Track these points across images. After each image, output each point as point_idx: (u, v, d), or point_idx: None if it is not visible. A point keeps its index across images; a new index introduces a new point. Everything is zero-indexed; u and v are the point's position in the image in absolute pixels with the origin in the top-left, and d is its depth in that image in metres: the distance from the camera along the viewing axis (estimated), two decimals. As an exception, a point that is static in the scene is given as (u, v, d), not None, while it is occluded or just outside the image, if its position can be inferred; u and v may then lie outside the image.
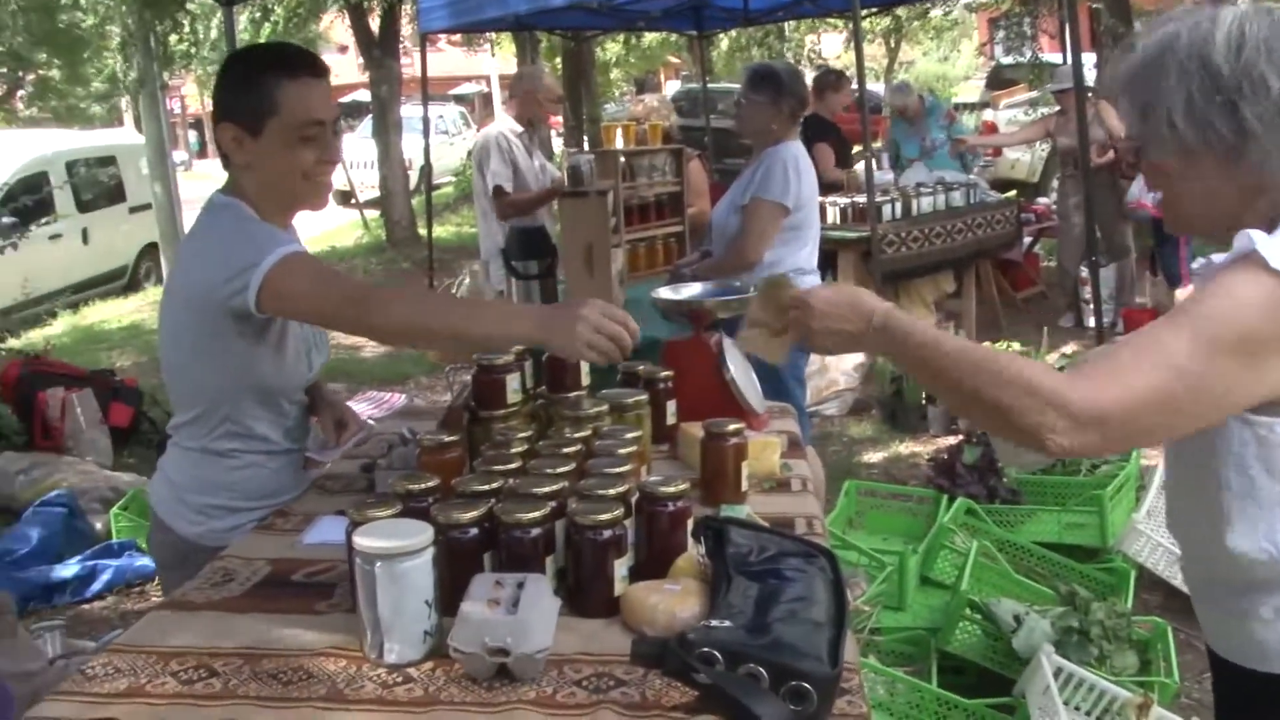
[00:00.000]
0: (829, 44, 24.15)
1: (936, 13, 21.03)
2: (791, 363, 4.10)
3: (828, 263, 6.52)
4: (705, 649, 1.40)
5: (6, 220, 7.27)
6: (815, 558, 1.69)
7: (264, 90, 2.09)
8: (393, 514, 1.68)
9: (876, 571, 3.72)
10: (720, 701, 1.39)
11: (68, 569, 4.65)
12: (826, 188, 7.33)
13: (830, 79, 8.07)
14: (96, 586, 4.61)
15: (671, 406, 2.48)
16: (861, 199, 6.81)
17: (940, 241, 7.08)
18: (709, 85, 12.55)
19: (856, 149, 7.85)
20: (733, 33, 18.78)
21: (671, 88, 26.01)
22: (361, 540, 1.55)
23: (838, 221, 6.91)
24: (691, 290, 2.90)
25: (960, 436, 4.84)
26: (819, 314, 1.65)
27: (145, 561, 4.74)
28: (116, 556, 4.76)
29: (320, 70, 2.18)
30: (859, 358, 6.41)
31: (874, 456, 5.75)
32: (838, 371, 6.37)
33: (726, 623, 1.48)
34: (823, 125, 7.54)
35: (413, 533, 1.57)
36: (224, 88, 2.16)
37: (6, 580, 4.28)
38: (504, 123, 5.69)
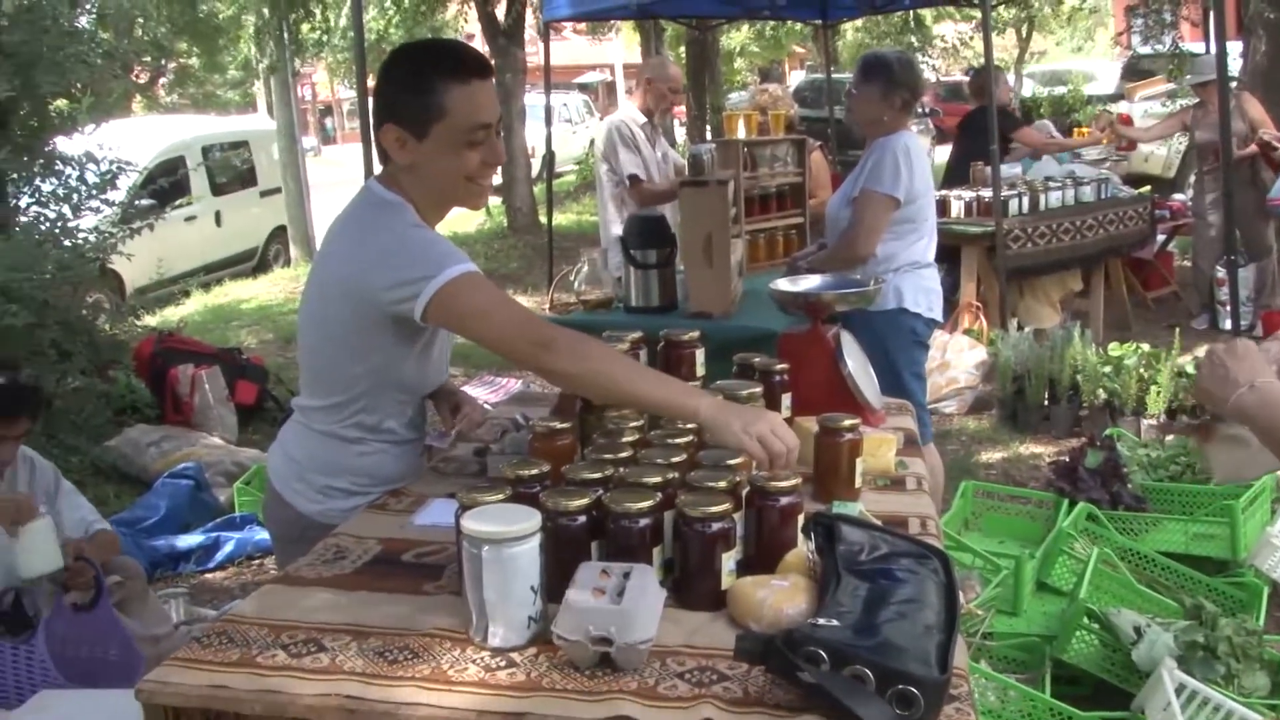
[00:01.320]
0: (953, 33, 23.67)
1: (1071, 0, 20.45)
2: (910, 358, 4.03)
3: (950, 258, 6.39)
4: (811, 648, 1.38)
5: (145, 202, 7.50)
6: (928, 559, 1.66)
7: (432, 94, 2.06)
8: (502, 498, 1.69)
9: (991, 575, 3.64)
10: (824, 702, 1.37)
11: (193, 539, 4.82)
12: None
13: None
14: (219, 557, 4.76)
15: (786, 400, 2.44)
16: (987, 193, 6.66)
17: (1069, 238, 6.89)
18: (833, 76, 12.38)
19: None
20: (858, 22, 18.50)
21: (795, 78, 25.79)
22: (470, 524, 1.56)
23: (961, 215, 6.77)
24: (810, 282, 2.86)
25: (1083, 439, 4.69)
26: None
27: (265, 535, 4.87)
28: (238, 529, 4.91)
29: (487, 71, 2.14)
30: (980, 354, 6.27)
31: (992, 456, 5.62)
32: (958, 369, 6.25)
33: (834, 622, 1.45)
34: (1007, 116, 7.49)
35: (521, 518, 1.57)
36: (389, 88, 2.13)
37: (136, 548, 4.43)
38: (626, 111, 5.71)
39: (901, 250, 3.98)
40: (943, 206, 6.48)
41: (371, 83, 2.33)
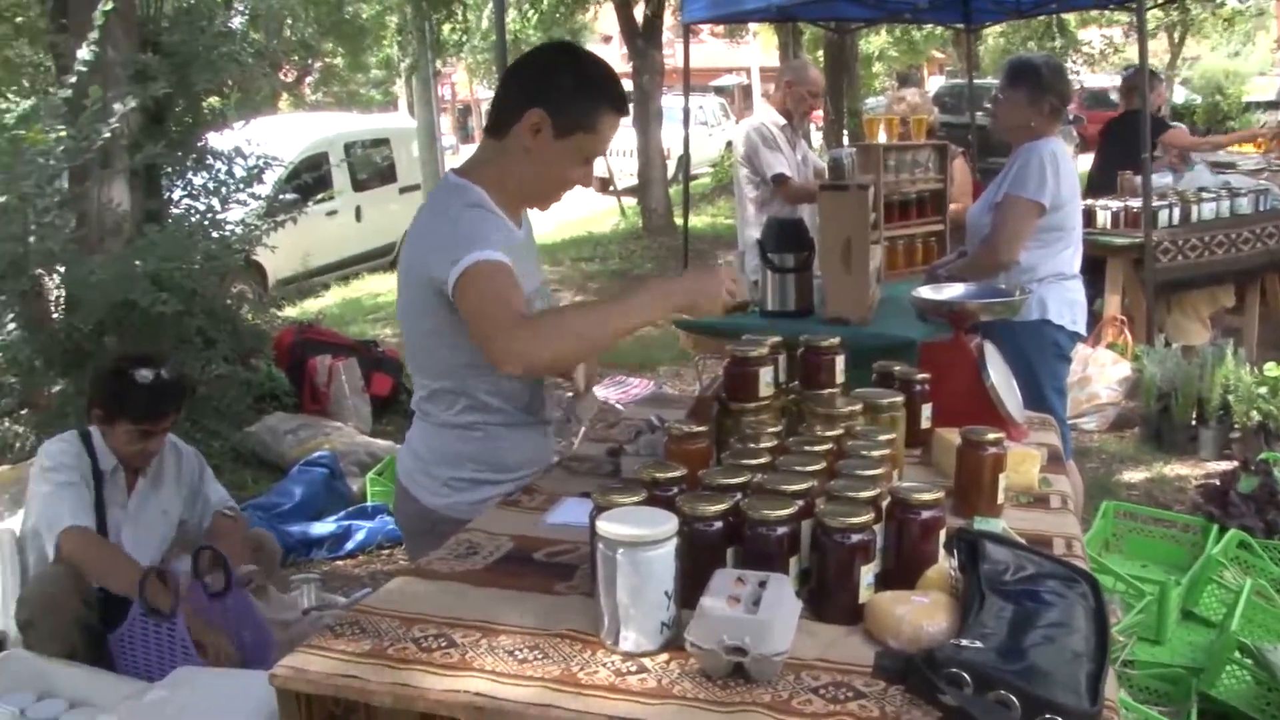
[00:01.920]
0: (1098, 38, 23.00)
1: (1232, 2, 19.65)
2: (1052, 371, 3.91)
3: (1094, 270, 6.18)
4: (953, 669, 1.33)
5: (289, 197, 7.71)
6: (1076, 582, 1.59)
7: (595, 110, 2.19)
8: (637, 501, 1.67)
9: (1134, 600, 3.50)
10: (969, 725, 1.31)
11: (325, 526, 4.92)
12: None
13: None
14: (350, 546, 4.85)
15: (927, 410, 2.38)
16: (1135, 203, 6.42)
17: (1222, 251, 6.59)
18: (974, 81, 12.12)
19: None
20: (1000, 26, 18.09)
21: (935, 83, 25.37)
22: (606, 526, 1.54)
23: (1108, 226, 6.54)
24: (953, 291, 2.79)
25: (1235, 463, 4.48)
26: None
27: (396, 526, 4.96)
28: (370, 519, 5.00)
29: (627, 111, 2.30)
30: (1124, 370, 6.06)
31: (1135, 476, 5.41)
32: (1100, 384, 6.04)
33: (977, 643, 1.40)
34: (1154, 121, 7.26)
35: (657, 522, 1.55)
36: (555, 81, 2.18)
37: (270, 532, 4.54)
38: (765, 114, 5.70)
39: (1046, 259, 3.86)
40: (1088, 216, 6.26)
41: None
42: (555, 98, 2.16)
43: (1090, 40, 23.24)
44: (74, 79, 5.36)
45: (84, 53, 5.43)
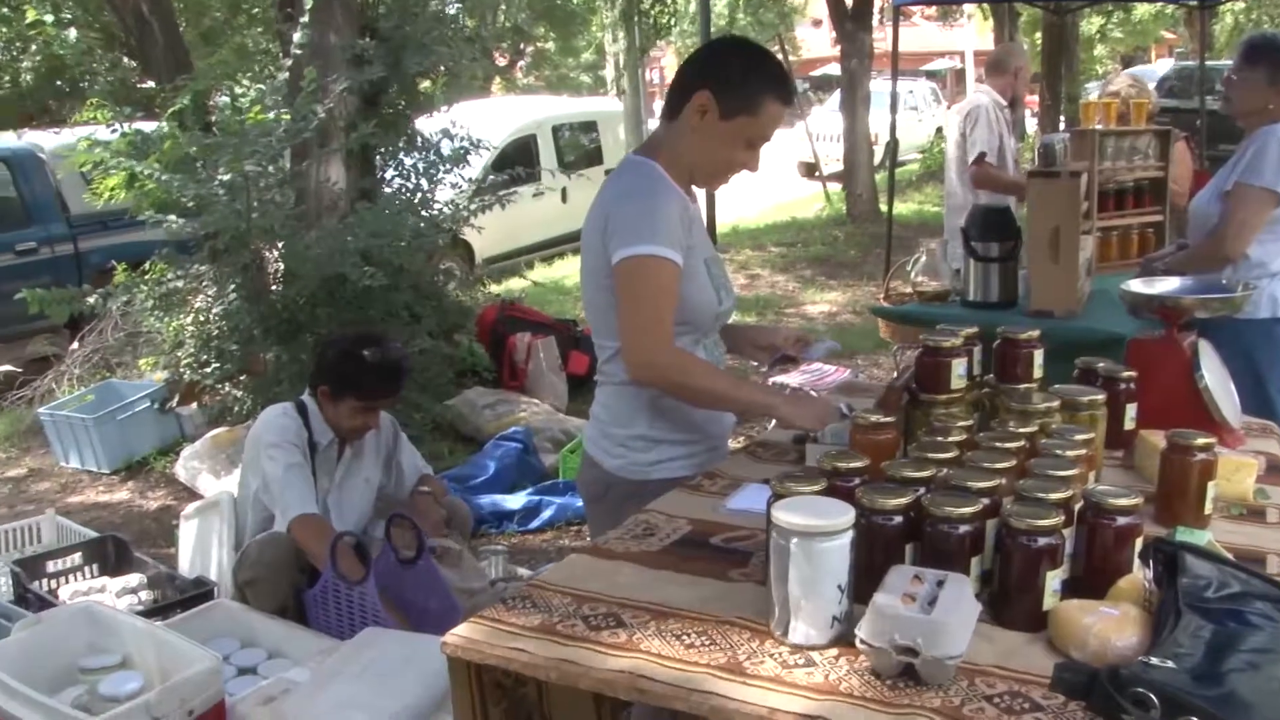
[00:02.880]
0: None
1: None
2: (1278, 374, 3.64)
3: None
4: (1140, 689, 1.24)
5: (498, 177, 7.91)
6: (1289, 604, 1.47)
7: (758, 96, 2.24)
8: (816, 490, 1.63)
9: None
10: (1153, 751, 1.23)
11: (516, 500, 5.02)
12: None
13: None
14: (539, 521, 4.93)
15: (1131, 410, 2.25)
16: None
17: None
18: (1207, 63, 11.44)
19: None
20: (1241, 2, 17.01)
21: (1162, 66, 24.06)
22: (781, 514, 1.51)
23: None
24: (1167, 285, 2.63)
25: None
26: None
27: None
28: (561, 495, 5.08)
29: (792, 102, 2.37)
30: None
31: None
32: (1334, 390, 5.61)
33: (1169, 663, 1.30)
34: None
35: (834, 513, 1.51)
36: (723, 65, 2.27)
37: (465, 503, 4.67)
38: (991, 95, 5.61)
39: (1277, 255, 3.59)
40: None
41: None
42: (721, 81, 2.24)
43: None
44: (289, 62, 5.61)
45: (299, 36, 5.68)
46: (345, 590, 3.19)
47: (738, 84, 2.24)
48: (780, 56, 18.53)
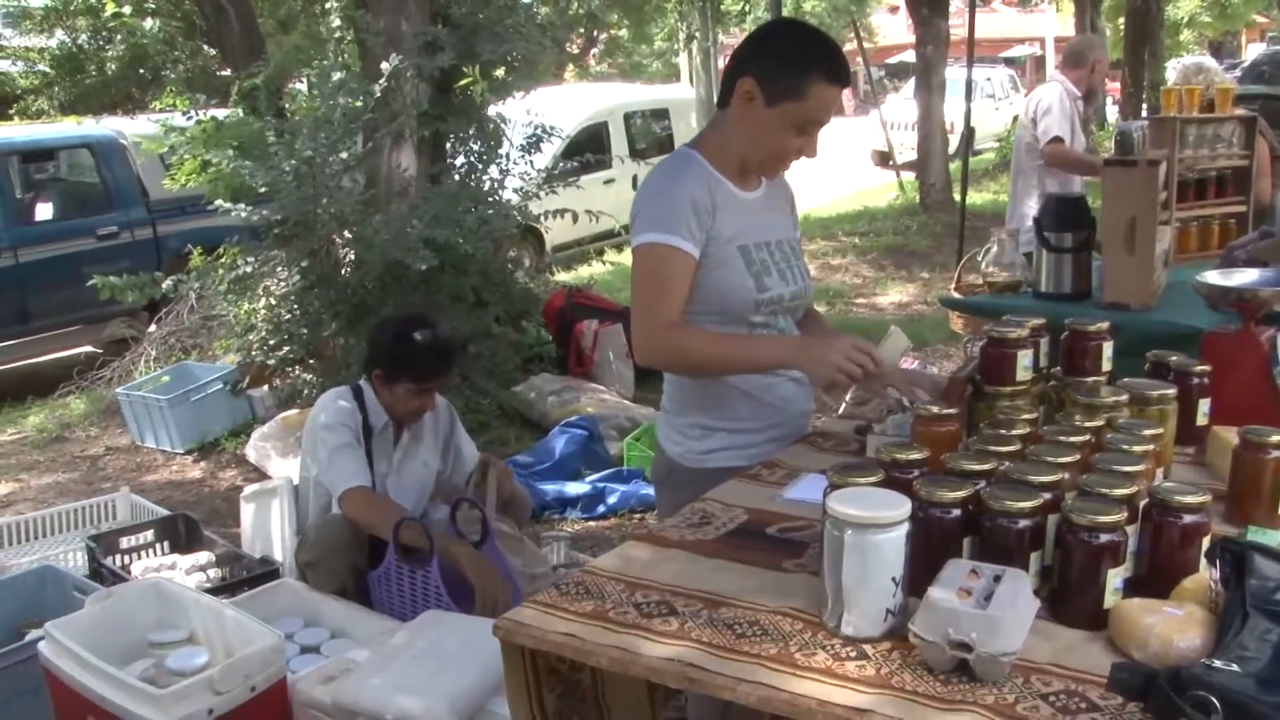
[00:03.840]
0: None
1: None
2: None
3: None
4: (1202, 692, 1.20)
5: (570, 165, 7.92)
6: (1362, 609, 1.41)
7: (803, 78, 2.18)
8: (874, 481, 1.61)
9: None
10: (1214, 757, 1.19)
11: (580, 487, 5.04)
12: None
13: None
14: (602, 508, 4.95)
15: (1204, 405, 2.19)
16: None
17: None
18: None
19: None
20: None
21: (1253, 51, 23.41)
22: (836, 505, 1.49)
23: None
24: (1246, 276, 2.56)
25: None
26: None
27: (649, 491, 5.03)
28: (625, 482, 5.09)
29: (847, 83, 2.28)
30: None
31: None
32: None
33: (1233, 666, 1.26)
34: None
35: (890, 504, 1.49)
36: (766, 50, 2.25)
37: (528, 490, 4.68)
38: (1065, 86, 5.53)
39: None
40: None
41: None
42: (766, 66, 2.21)
43: None
44: (366, 50, 5.67)
45: (376, 23, 5.72)
46: (409, 572, 3.21)
47: (781, 68, 2.19)
48: (856, 43, 18.32)
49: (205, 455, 5.83)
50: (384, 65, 5.76)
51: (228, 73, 7.84)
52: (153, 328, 7.28)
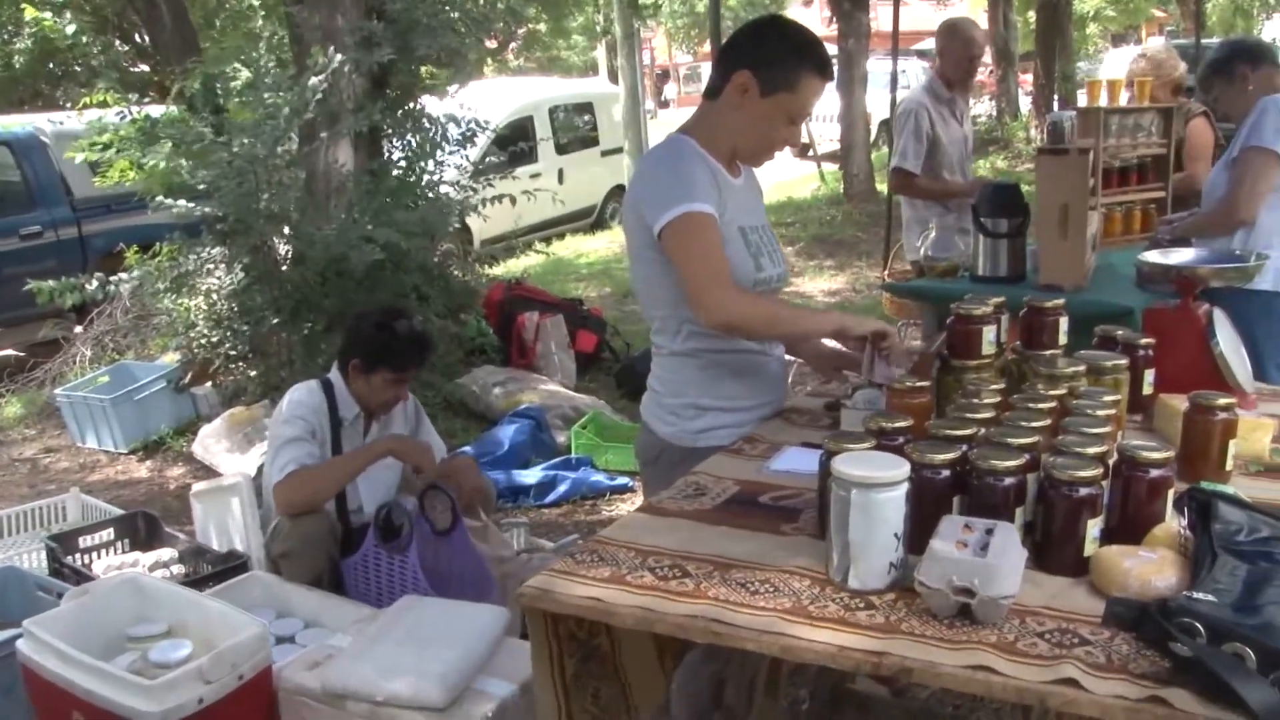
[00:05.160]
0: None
1: None
2: (1278, 348, 3.76)
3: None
4: (1187, 619, 1.35)
5: (498, 159, 7.96)
6: (1315, 547, 1.57)
7: (796, 71, 2.34)
8: (868, 448, 1.73)
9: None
10: (1196, 676, 1.33)
11: (532, 475, 5.13)
12: None
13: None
14: (554, 495, 5.04)
15: (1150, 375, 2.36)
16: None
17: None
18: (1202, 41, 11.52)
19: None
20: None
21: (1152, 45, 24.08)
22: (842, 467, 1.61)
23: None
24: (1183, 255, 2.73)
25: None
26: None
27: (599, 477, 5.14)
28: (574, 470, 5.19)
29: (832, 76, 2.46)
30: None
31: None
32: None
33: (1210, 597, 1.41)
34: None
35: (890, 466, 1.61)
36: (762, 45, 2.38)
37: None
38: (929, 89, 5.26)
39: None
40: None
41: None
42: (761, 59, 2.34)
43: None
44: (301, 46, 5.66)
45: (311, 18, 5.71)
46: (386, 559, 3.28)
47: (776, 62, 2.33)
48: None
49: (150, 454, 5.81)
50: (320, 60, 5.76)
51: (145, 69, 7.75)
52: (79, 329, 7.19)
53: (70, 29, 6.53)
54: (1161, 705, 1.32)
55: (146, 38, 7.34)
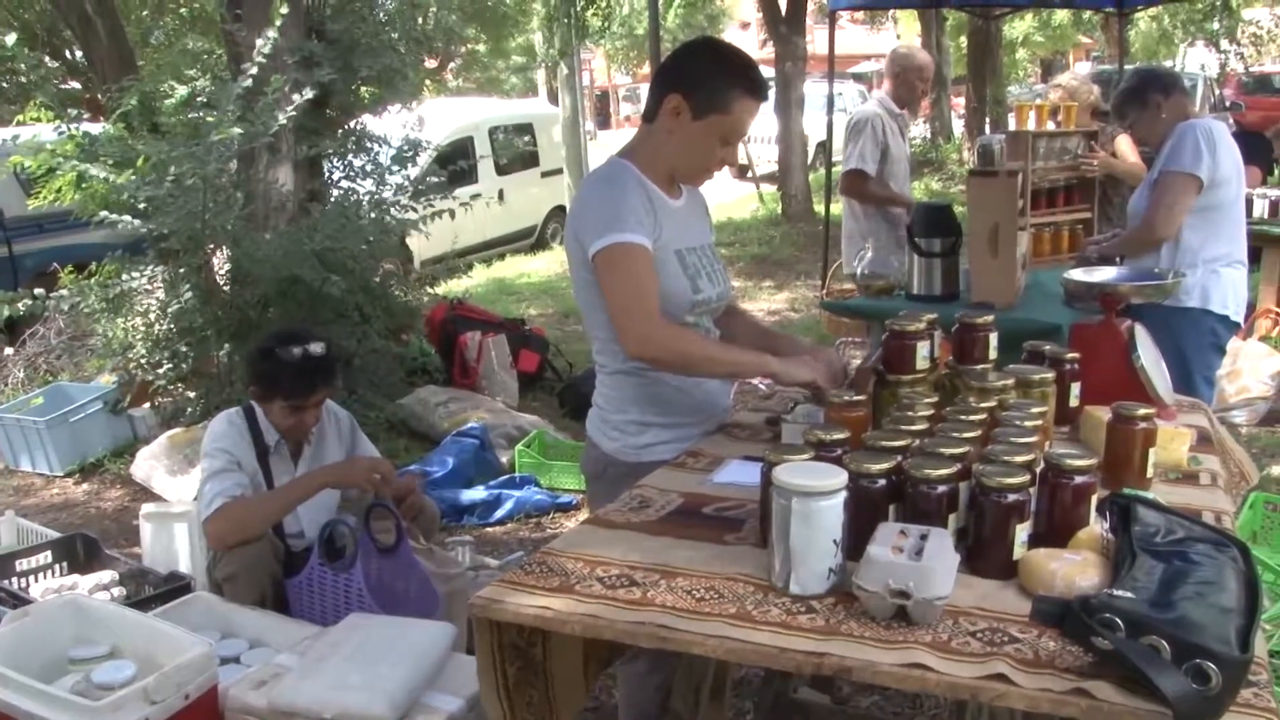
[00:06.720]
0: (1268, 17, 21.79)
1: None
2: (1205, 361, 3.90)
3: (1250, 260, 6.06)
4: (1107, 615, 1.42)
5: (438, 180, 7.99)
6: (1226, 547, 1.65)
7: (728, 93, 2.38)
8: (807, 459, 1.80)
9: (1281, 590, 3.49)
10: (1117, 669, 1.41)
11: (476, 494, 5.15)
12: None
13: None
14: (499, 514, 5.06)
15: (1076, 388, 2.45)
16: (1293, 193, 6.28)
17: (1387, 243, 6.40)
18: (1125, 67, 11.84)
19: None
20: (1153, 10, 17.51)
21: (1080, 70, 24.66)
22: (783, 476, 1.67)
23: (1265, 216, 6.40)
24: (1105, 274, 2.84)
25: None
26: None
27: (543, 496, 5.17)
28: (518, 488, 5.22)
29: (765, 96, 2.47)
30: (1277, 363, 5.93)
31: (1284, 471, 5.32)
32: (1251, 377, 5.93)
33: (1129, 594, 1.48)
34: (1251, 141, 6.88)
35: (828, 475, 1.68)
36: (694, 67, 2.42)
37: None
38: (883, 103, 5.55)
39: (1207, 243, 3.85)
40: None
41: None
42: (691, 82, 2.39)
43: (1258, 20, 21.89)
44: (255, 69, 5.65)
45: (264, 44, 5.71)
46: (331, 578, 3.28)
47: (706, 85, 2.38)
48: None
49: (87, 476, 5.74)
50: (276, 87, 5.75)
51: (77, 86, 7.67)
52: (9, 350, 7.09)
53: (10, 39, 6.44)
54: (1085, 696, 1.40)
55: (80, 54, 7.26)
